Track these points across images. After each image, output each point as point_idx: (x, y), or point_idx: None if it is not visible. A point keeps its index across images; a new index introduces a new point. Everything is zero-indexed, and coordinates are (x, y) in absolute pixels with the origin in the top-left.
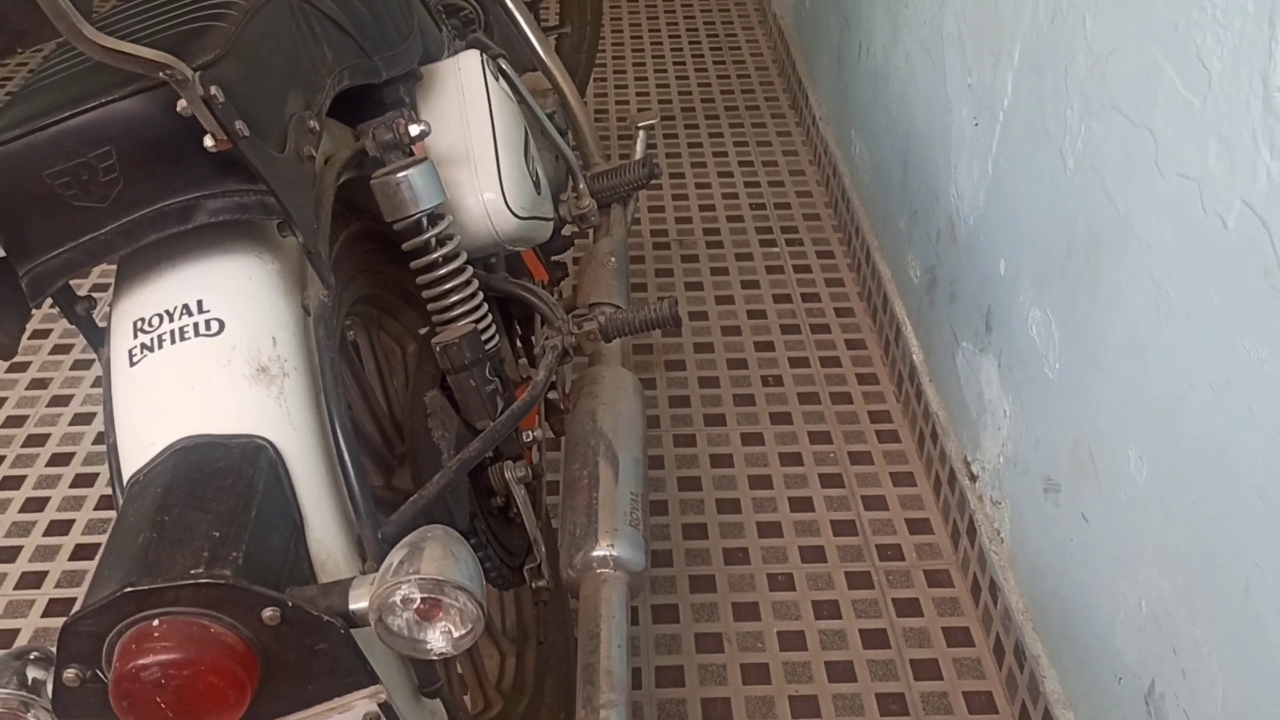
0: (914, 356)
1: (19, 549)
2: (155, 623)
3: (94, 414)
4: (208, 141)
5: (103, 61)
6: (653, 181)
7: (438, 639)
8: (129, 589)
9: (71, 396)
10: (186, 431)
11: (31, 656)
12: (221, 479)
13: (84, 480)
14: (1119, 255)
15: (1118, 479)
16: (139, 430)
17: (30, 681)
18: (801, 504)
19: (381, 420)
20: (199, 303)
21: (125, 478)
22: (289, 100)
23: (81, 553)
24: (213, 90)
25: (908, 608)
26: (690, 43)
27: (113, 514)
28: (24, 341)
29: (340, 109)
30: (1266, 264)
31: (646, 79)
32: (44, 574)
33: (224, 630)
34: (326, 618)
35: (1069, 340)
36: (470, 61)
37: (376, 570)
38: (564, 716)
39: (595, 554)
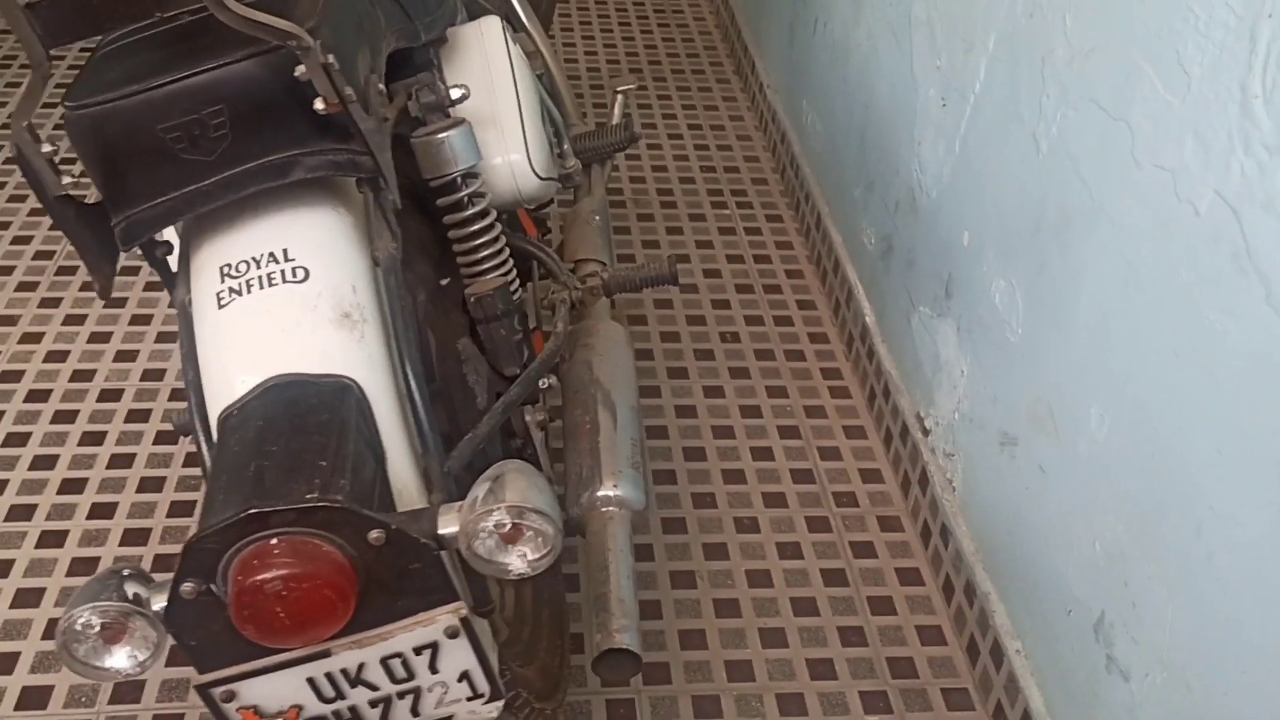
0: (866, 319)
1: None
2: (274, 541)
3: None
4: (318, 104)
5: (240, 29)
6: (633, 143)
7: (517, 561)
8: (253, 510)
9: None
10: (278, 370)
11: (126, 573)
12: (318, 414)
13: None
14: (1090, 233)
15: (1077, 434)
16: (229, 369)
17: (132, 596)
18: (762, 453)
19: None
20: (284, 251)
21: (213, 413)
22: (362, 64)
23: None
24: (330, 58)
25: (863, 550)
26: (635, 5)
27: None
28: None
29: None
30: (1235, 249)
31: (593, 36)
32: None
33: (334, 549)
34: (424, 540)
35: (1033, 308)
36: (493, 27)
37: (444, 499)
38: (559, 644)
39: (600, 494)
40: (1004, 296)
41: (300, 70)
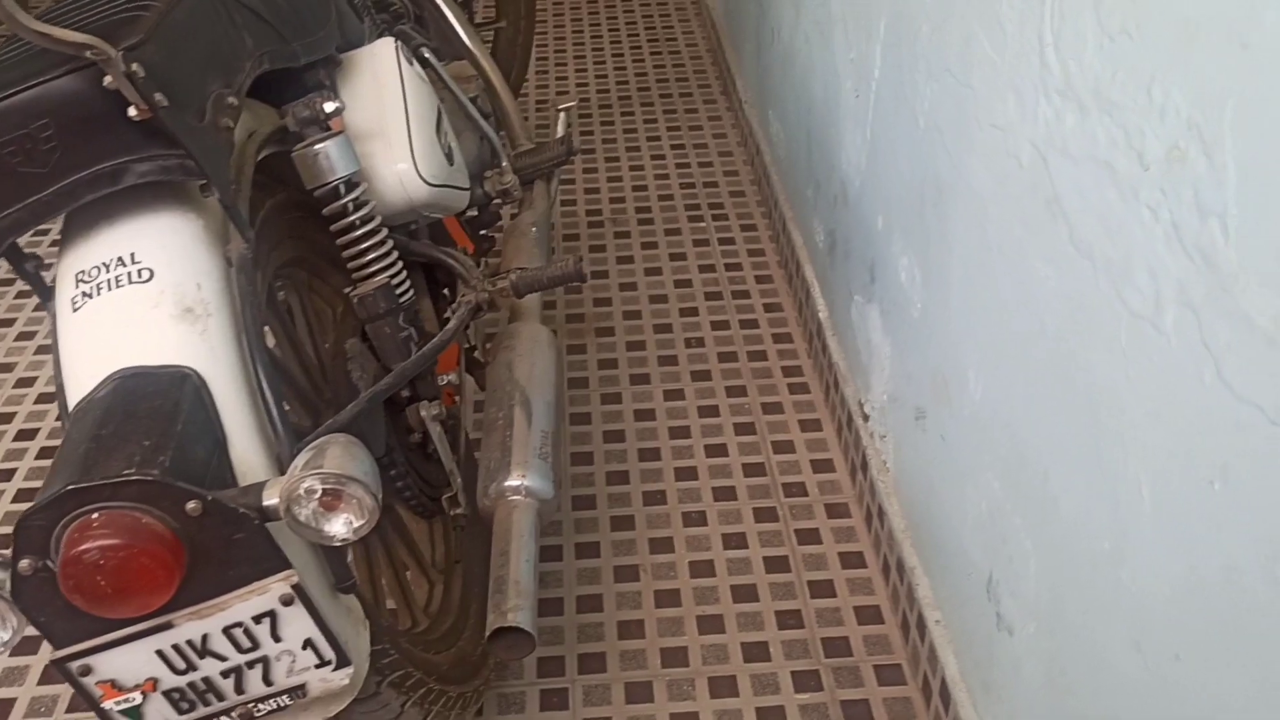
0: (820, 314)
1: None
2: (95, 515)
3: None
4: (131, 111)
5: (41, 45)
6: (571, 158)
7: (339, 527)
8: (71, 486)
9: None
10: (122, 364)
11: None
12: (152, 400)
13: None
14: (955, 202)
15: (963, 399)
16: (81, 365)
17: None
18: (716, 450)
19: (310, 370)
20: (132, 254)
21: (71, 407)
22: (209, 79)
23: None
24: (134, 67)
25: (808, 537)
26: (629, 34)
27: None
28: None
29: (267, 91)
30: (1047, 195)
31: (586, 70)
32: None
33: (154, 521)
34: (242, 509)
35: (927, 282)
36: (384, 48)
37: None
38: (488, 635)
39: (508, 484)
40: (907, 274)
41: (108, 80)
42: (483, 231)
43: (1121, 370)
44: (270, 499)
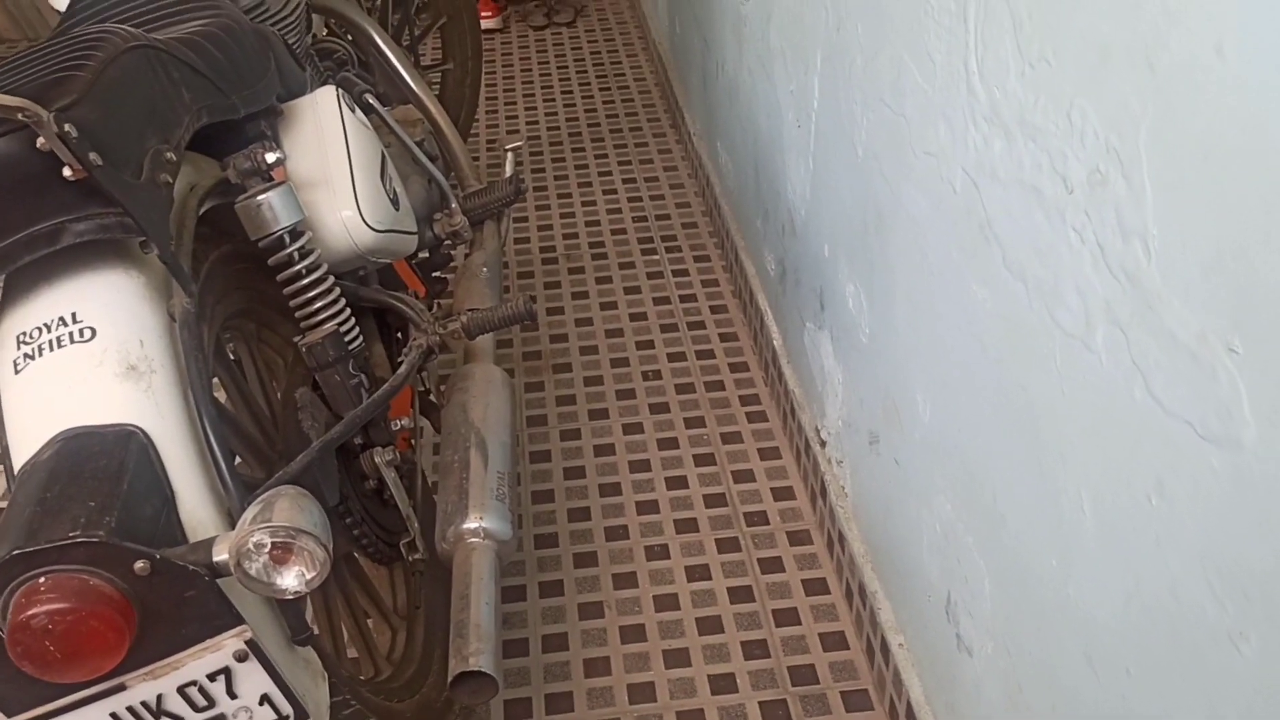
0: (775, 342)
1: None
2: (41, 580)
3: None
4: (66, 172)
5: None
6: (519, 198)
7: (291, 580)
8: (16, 551)
9: None
10: (67, 424)
11: None
12: (97, 460)
13: None
14: (895, 228)
15: (913, 423)
16: (26, 428)
17: None
18: (677, 482)
19: (263, 422)
20: (73, 314)
21: (17, 470)
22: (145, 136)
23: None
24: (67, 127)
25: (771, 565)
26: (578, 71)
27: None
28: None
29: (209, 144)
30: (980, 219)
31: (536, 107)
32: None
33: (101, 583)
34: (191, 566)
35: (873, 307)
36: (325, 96)
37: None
38: (450, 681)
39: (466, 526)
40: (854, 300)
41: (40, 141)
42: (434, 274)
43: (1058, 389)
44: (220, 554)
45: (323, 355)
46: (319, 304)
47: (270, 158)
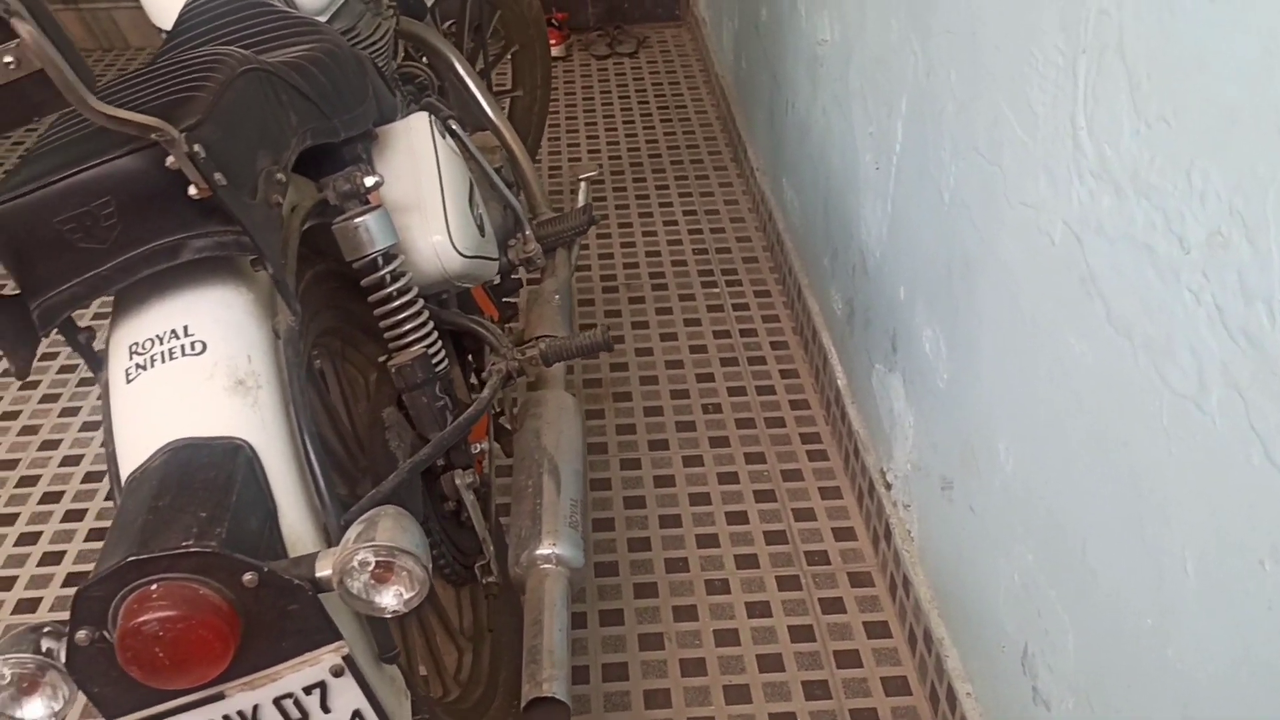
0: (839, 381)
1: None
2: (154, 587)
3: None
4: (191, 190)
5: (104, 126)
6: (591, 227)
7: (390, 599)
8: (131, 559)
9: (79, 408)
10: (176, 435)
11: (45, 629)
12: (206, 472)
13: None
14: (983, 276)
15: (993, 470)
16: (135, 436)
17: (45, 650)
18: (737, 517)
19: (346, 438)
20: (185, 327)
21: (124, 477)
22: (259, 156)
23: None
24: (195, 148)
25: (832, 605)
26: (639, 102)
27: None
28: (37, 362)
29: (306, 165)
30: (1081, 273)
31: (598, 135)
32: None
33: (210, 592)
34: (297, 581)
35: (954, 353)
36: (419, 122)
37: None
38: (516, 704)
39: (539, 552)
40: (932, 345)
41: (170, 160)
42: (505, 299)
43: (1164, 448)
44: (323, 570)
45: (411, 377)
46: (408, 326)
47: (369, 181)
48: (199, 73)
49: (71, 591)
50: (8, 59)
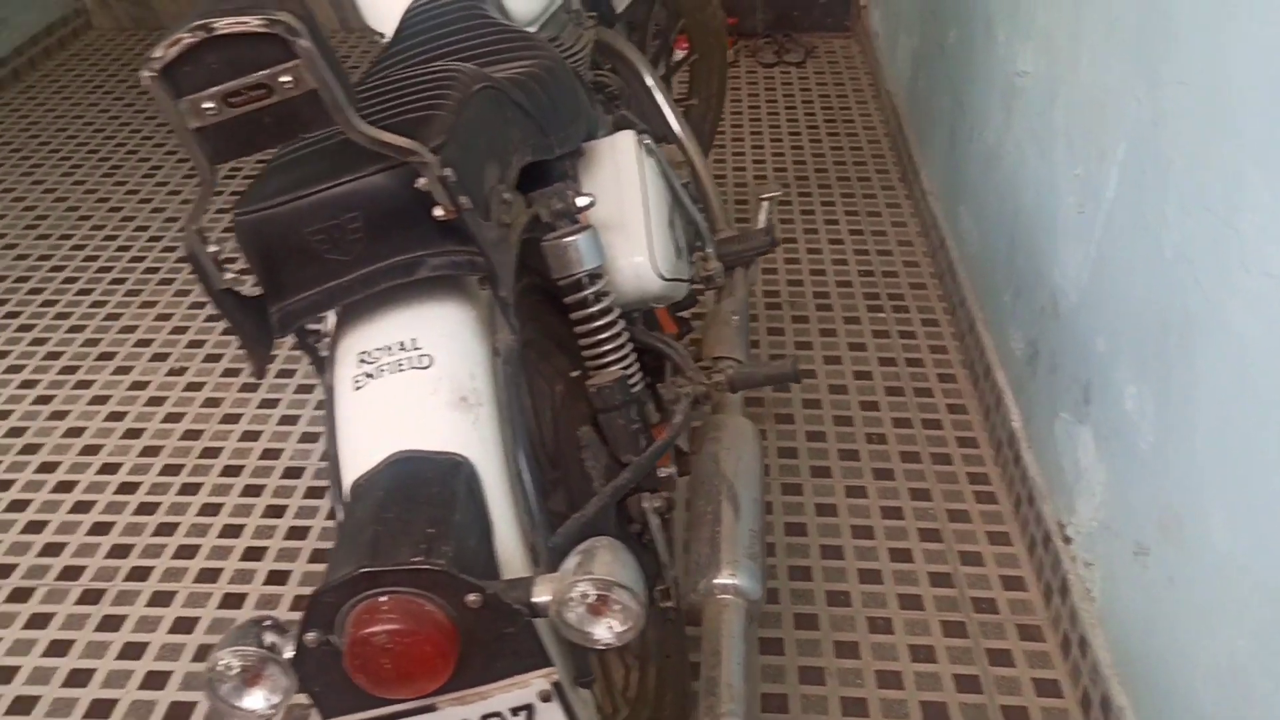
0: (1013, 424)
1: (264, 549)
2: (383, 599)
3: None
4: (437, 212)
5: (367, 146)
6: (774, 249)
7: (603, 632)
8: (364, 570)
9: (299, 416)
10: (400, 446)
11: (266, 623)
12: (430, 486)
13: (293, 472)
14: (1207, 340)
15: (1203, 545)
16: (360, 444)
17: (269, 645)
18: (901, 555)
19: (538, 451)
20: (413, 340)
21: (346, 483)
22: (489, 175)
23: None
24: (446, 171)
25: (1000, 658)
26: (805, 113)
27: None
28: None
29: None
30: None
31: (762, 146)
32: (295, 552)
33: (436, 609)
34: (517, 606)
35: (1162, 415)
36: (625, 140)
37: (548, 573)
38: None
39: (718, 581)
40: (1135, 403)
41: (421, 182)
42: (678, 314)
43: None
44: (541, 597)
45: (610, 398)
46: (609, 346)
47: (581, 201)
48: (436, 89)
49: (270, 588)
50: (285, 79)
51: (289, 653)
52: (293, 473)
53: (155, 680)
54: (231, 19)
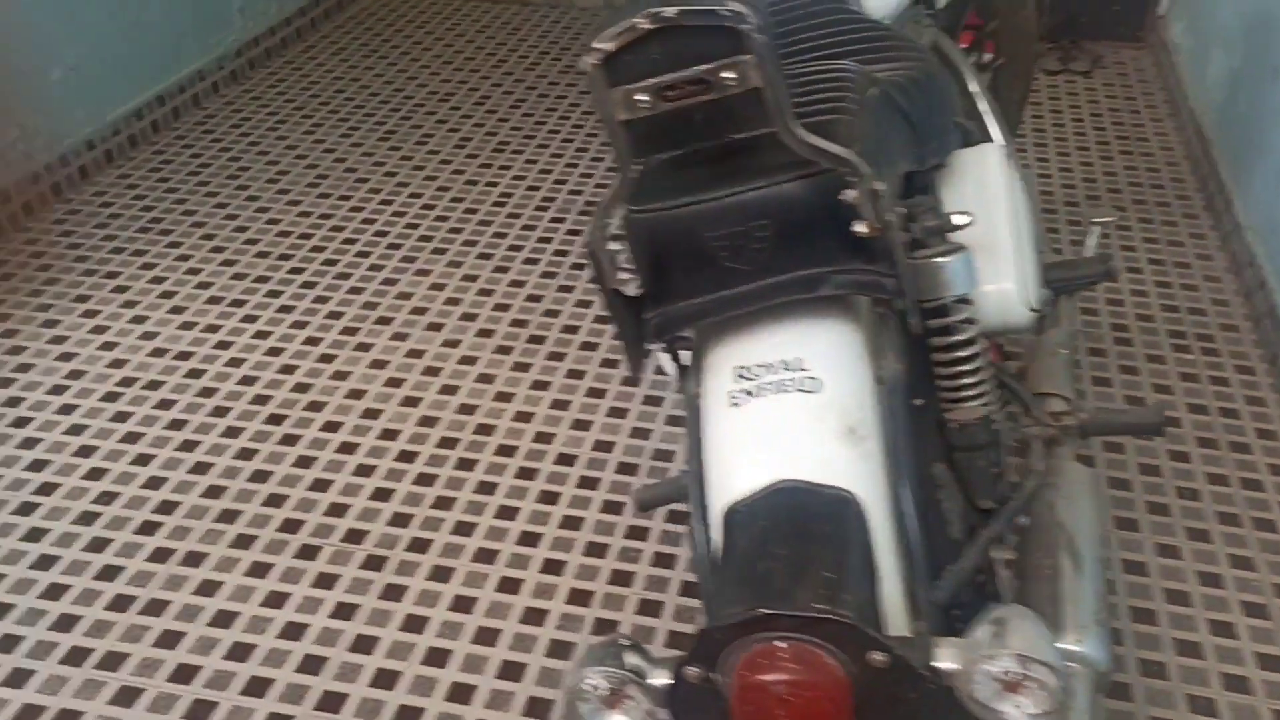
0: None
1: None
2: (781, 645)
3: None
4: (860, 227)
5: (805, 155)
6: (1109, 279)
7: (1013, 711)
8: (764, 611)
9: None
10: (784, 474)
11: (625, 644)
12: (821, 525)
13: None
14: None
15: None
16: (738, 467)
17: (631, 666)
18: (1223, 628)
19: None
20: (799, 360)
21: (715, 504)
22: (889, 185)
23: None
24: (880, 185)
25: None
26: (1095, 127)
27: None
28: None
29: None
30: None
31: (1047, 158)
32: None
33: (836, 663)
34: (925, 673)
35: None
36: (993, 154)
37: (929, 629)
38: None
39: (1061, 647)
40: None
41: (851, 194)
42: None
43: None
44: (948, 663)
45: (974, 437)
46: (971, 380)
47: (959, 220)
48: (831, 90)
49: (545, 577)
50: (729, 74)
51: (655, 679)
52: (596, 465)
53: (436, 658)
54: (685, 7)
